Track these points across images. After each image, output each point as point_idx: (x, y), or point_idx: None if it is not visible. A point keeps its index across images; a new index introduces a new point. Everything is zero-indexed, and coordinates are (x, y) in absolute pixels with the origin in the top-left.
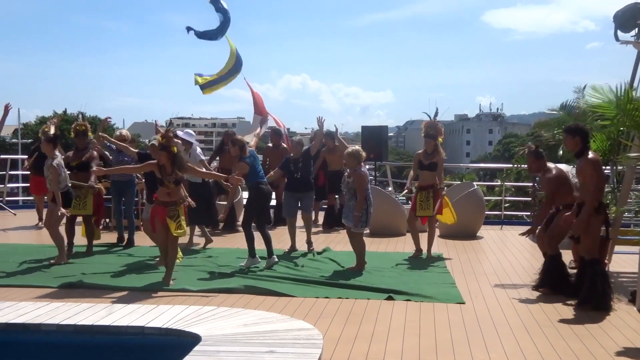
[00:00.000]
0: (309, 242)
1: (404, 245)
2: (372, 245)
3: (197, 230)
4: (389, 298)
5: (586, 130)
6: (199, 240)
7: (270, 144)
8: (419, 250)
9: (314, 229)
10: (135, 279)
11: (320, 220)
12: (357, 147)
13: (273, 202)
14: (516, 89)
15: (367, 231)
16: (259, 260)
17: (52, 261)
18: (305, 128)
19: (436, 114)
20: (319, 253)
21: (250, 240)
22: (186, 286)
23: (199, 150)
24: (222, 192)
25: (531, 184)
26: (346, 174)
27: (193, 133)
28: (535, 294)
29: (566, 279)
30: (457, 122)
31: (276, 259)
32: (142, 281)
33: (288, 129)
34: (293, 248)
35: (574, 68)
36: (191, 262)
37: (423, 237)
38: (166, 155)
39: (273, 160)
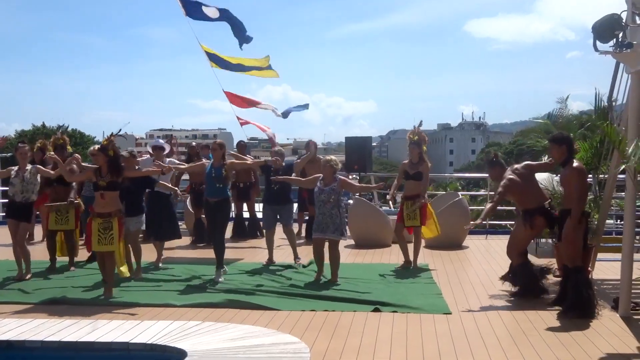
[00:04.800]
0: (295, 255)
1: (390, 256)
2: (358, 256)
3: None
4: (376, 310)
5: (571, 139)
6: (186, 254)
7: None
8: (407, 261)
9: (298, 241)
10: (118, 294)
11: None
12: (332, 156)
13: (246, 215)
14: (498, 98)
15: (352, 242)
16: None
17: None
18: (287, 139)
19: (420, 124)
20: (304, 266)
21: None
22: (170, 301)
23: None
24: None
25: None
26: (320, 185)
27: (162, 141)
28: (521, 302)
29: (537, 280)
30: (440, 131)
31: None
32: (126, 296)
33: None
34: (270, 261)
35: (555, 77)
36: (174, 276)
37: (409, 248)
38: (103, 157)
39: (240, 173)
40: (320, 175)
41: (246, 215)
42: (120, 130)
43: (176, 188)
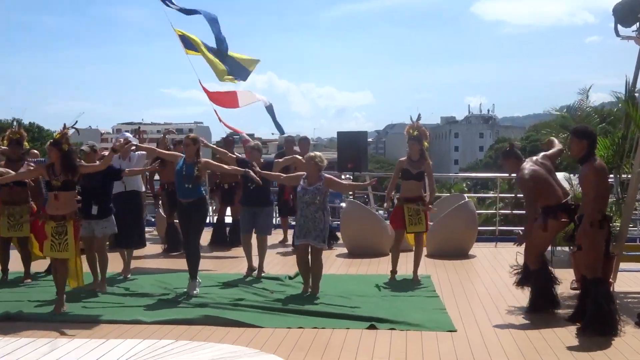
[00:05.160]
0: (260, 268)
1: (387, 266)
2: (351, 267)
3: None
4: (371, 327)
5: (595, 135)
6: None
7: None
8: (394, 271)
9: (283, 249)
10: (80, 309)
11: (290, 238)
12: (317, 152)
13: (228, 220)
14: (509, 88)
15: (345, 251)
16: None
17: None
18: (272, 134)
19: (419, 117)
20: (290, 278)
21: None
22: (139, 317)
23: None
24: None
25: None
26: (304, 184)
27: (129, 135)
28: (535, 318)
29: (551, 293)
30: (443, 126)
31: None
32: (88, 312)
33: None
34: (250, 270)
35: (573, 65)
36: (141, 288)
37: (404, 257)
38: (56, 152)
39: (224, 173)
40: (304, 173)
41: (228, 220)
42: (76, 122)
43: (149, 168)
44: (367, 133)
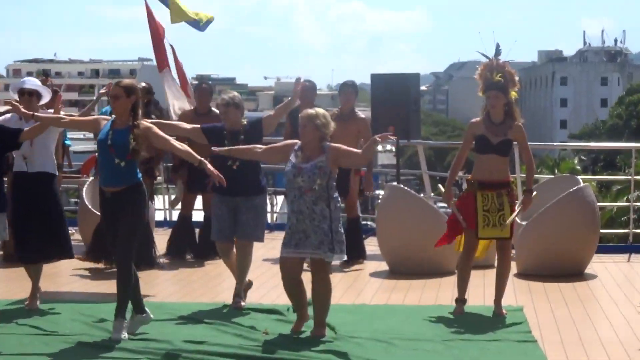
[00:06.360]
0: (238, 294)
1: (452, 292)
2: (394, 293)
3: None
4: None
5: None
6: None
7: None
8: (462, 300)
9: None
10: None
11: None
12: (320, 109)
13: (198, 216)
14: None
15: (384, 267)
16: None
17: None
18: (266, 78)
19: (498, 52)
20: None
21: (133, 285)
22: None
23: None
24: None
25: None
26: (295, 159)
27: (33, 81)
28: None
29: None
30: (543, 66)
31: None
32: None
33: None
34: (240, 299)
35: None
36: (55, 325)
37: (479, 278)
38: None
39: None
40: (296, 142)
41: (198, 216)
42: None
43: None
44: (420, 77)
